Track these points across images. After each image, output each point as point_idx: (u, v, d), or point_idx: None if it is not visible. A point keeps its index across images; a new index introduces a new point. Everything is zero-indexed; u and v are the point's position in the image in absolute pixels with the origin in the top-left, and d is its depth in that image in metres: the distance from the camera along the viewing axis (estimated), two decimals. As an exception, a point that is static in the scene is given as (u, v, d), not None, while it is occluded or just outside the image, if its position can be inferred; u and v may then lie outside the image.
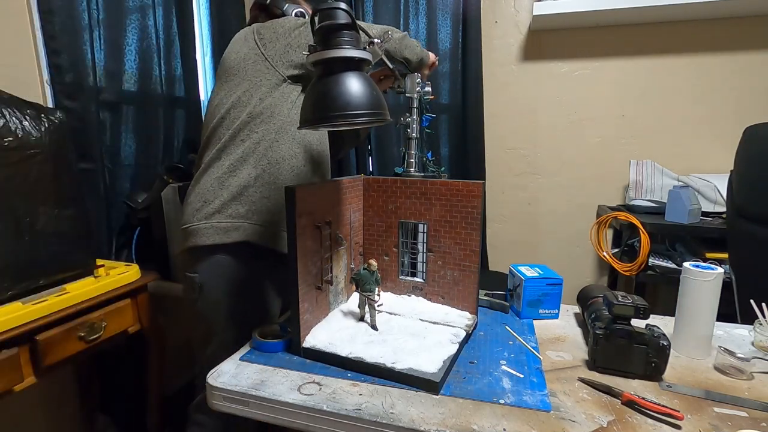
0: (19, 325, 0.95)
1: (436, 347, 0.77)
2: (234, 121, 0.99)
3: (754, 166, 1.16)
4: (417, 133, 1.08)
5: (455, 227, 0.89)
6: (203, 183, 1.00)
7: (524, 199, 2.14)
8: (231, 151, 0.99)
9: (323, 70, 0.69)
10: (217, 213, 0.97)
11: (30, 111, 1.04)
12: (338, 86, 0.67)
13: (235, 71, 1.02)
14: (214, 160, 1.00)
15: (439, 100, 2.07)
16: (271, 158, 0.99)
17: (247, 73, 1.00)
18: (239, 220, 0.98)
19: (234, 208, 0.98)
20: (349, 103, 0.66)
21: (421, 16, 2.04)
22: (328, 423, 0.63)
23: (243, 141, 0.99)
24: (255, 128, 0.99)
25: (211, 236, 0.97)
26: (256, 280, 1.03)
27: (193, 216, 0.99)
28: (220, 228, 0.97)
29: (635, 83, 1.91)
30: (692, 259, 1.02)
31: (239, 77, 1.01)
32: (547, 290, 0.97)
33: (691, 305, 0.80)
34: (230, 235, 0.97)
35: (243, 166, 0.98)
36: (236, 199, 0.98)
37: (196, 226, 0.98)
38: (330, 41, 0.67)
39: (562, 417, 0.62)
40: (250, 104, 0.99)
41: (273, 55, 0.99)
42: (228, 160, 0.99)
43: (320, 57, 0.67)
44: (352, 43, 0.67)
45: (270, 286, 1.05)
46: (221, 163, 0.99)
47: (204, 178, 1.00)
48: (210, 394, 0.71)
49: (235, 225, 0.97)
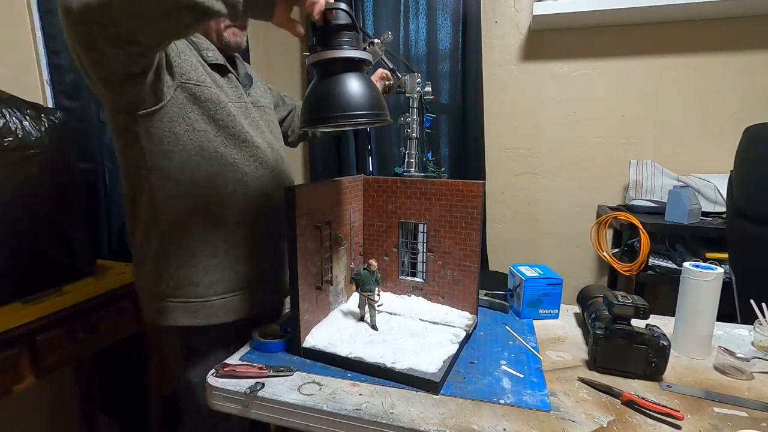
0: (19, 325, 0.95)
1: (436, 347, 0.77)
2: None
3: (754, 167, 1.16)
4: (417, 133, 1.08)
5: (455, 227, 0.89)
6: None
7: (524, 199, 2.14)
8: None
9: (323, 71, 0.68)
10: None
11: (30, 111, 1.04)
12: (338, 87, 0.67)
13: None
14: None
15: (439, 100, 2.07)
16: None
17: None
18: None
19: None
20: (350, 104, 0.66)
21: (421, 16, 2.04)
22: (328, 423, 0.63)
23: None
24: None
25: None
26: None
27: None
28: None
29: (635, 83, 1.91)
30: (692, 259, 1.02)
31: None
32: (547, 290, 0.97)
33: (691, 305, 0.80)
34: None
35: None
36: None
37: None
38: (330, 42, 0.66)
39: (562, 417, 0.62)
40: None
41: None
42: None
43: (320, 57, 0.67)
44: (352, 44, 0.67)
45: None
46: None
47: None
48: (210, 394, 0.71)
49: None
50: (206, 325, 0.87)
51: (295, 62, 2.32)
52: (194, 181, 0.82)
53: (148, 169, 0.81)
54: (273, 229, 0.93)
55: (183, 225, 0.84)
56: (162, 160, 0.80)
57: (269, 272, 0.95)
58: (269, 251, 0.94)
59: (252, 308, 0.92)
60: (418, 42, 2.07)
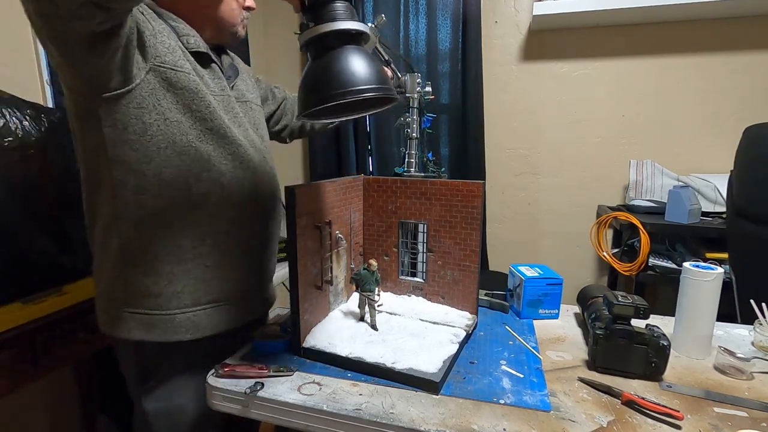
0: (18, 325, 0.95)
1: (436, 347, 0.77)
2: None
3: (754, 167, 1.16)
4: (417, 133, 1.08)
5: (455, 227, 0.89)
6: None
7: (524, 199, 2.14)
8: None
9: (318, 49, 0.62)
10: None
11: (30, 111, 1.04)
12: (338, 62, 0.60)
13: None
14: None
15: (439, 100, 2.07)
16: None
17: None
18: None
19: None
20: (353, 79, 0.59)
21: (421, 16, 2.04)
22: (328, 423, 0.63)
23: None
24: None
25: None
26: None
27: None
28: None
29: (635, 83, 1.91)
30: (692, 259, 1.02)
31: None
32: (547, 290, 0.97)
33: (691, 305, 0.80)
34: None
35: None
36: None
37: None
38: (322, 15, 0.60)
39: (562, 417, 0.62)
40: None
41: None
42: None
43: (313, 33, 0.60)
44: (348, 16, 0.60)
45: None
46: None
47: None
48: (210, 394, 0.71)
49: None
50: (163, 341, 0.77)
51: (295, 61, 2.32)
52: (161, 178, 0.73)
53: (109, 160, 0.71)
54: (252, 237, 0.86)
55: (146, 225, 0.74)
56: (126, 150, 0.71)
57: (246, 286, 0.87)
58: (247, 263, 0.86)
59: (223, 325, 0.82)
60: (418, 42, 2.07)
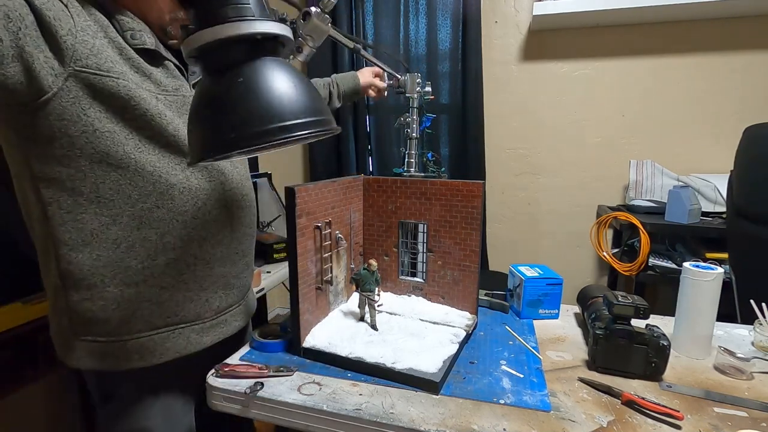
0: (19, 325, 0.95)
1: (436, 347, 0.77)
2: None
3: (754, 167, 1.16)
4: (417, 133, 1.08)
5: (455, 227, 0.89)
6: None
7: (524, 199, 2.14)
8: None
9: (214, 64, 0.44)
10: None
11: (30, 111, 1.04)
12: (251, 87, 0.42)
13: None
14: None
15: (439, 100, 2.07)
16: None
17: None
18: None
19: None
20: (274, 113, 0.42)
21: (421, 16, 2.04)
22: (328, 423, 0.63)
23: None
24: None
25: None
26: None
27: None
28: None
29: (635, 83, 1.91)
30: (692, 259, 1.02)
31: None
32: (547, 290, 0.97)
33: (691, 305, 0.80)
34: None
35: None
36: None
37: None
38: (217, 11, 0.41)
39: (562, 417, 0.62)
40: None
41: None
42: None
43: (206, 40, 0.41)
44: (257, 10, 0.42)
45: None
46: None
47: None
48: (210, 394, 0.71)
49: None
50: (116, 371, 0.72)
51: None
52: (99, 195, 0.65)
53: (36, 178, 0.64)
54: (215, 252, 0.77)
55: (87, 247, 0.67)
56: (54, 167, 0.63)
57: (214, 303, 0.79)
58: (211, 279, 0.77)
59: (184, 348, 0.76)
60: (418, 42, 2.07)
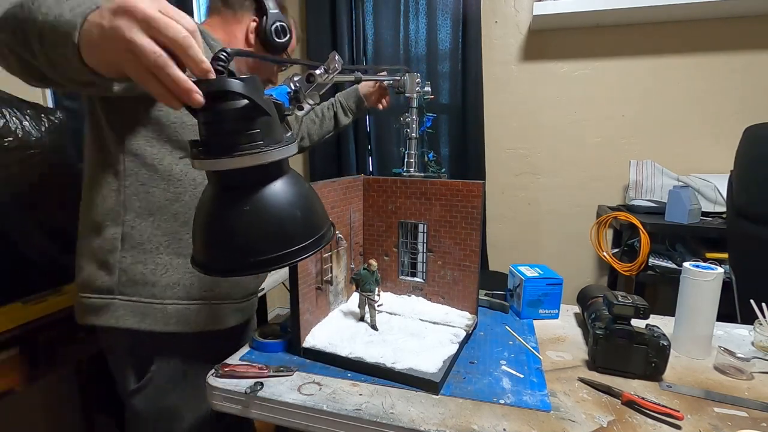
0: (19, 325, 0.95)
1: (436, 347, 0.77)
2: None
3: (754, 167, 1.16)
4: (417, 133, 1.08)
5: (455, 227, 0.89)
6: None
7: (524, 199, 2.14)
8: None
9: (226, 180, 0.45)
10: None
11: (30, 111, 1.04)
12: (256, 217, 0.45)
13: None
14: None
15: (439, 100, 2.07)
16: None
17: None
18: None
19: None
20: (277, 241, 0.45)
21: (421, 16, 2.04)
22: (328, 423, 0.63)
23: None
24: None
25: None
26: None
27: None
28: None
29: (635, 83, 1.91)
30: (692, 259, 1.02)
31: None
32: (547, 290, 0.96)
33: (691, 305, 0.80)
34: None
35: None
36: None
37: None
38: (226, 139, 0.42)
39: (562, 417, 0.62)
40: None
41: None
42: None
43: (218, 168, 0.43)
44: (260, 136, 0.43)
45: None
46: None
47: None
48: (210, 394, 0.71)
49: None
50: (154, 331, 0.77)
51: (295, 66, 2.32)
52: (171, 174, 0.76)
53: (126, 152, 0.74)
54: None
55: (152, 217, 0.77)
56: (143, 145, 0.74)
57: (240, 286, 0.88)
58: None
59: (213, 323, 0.83)
60: (418, 42, 2.07)
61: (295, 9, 2.30)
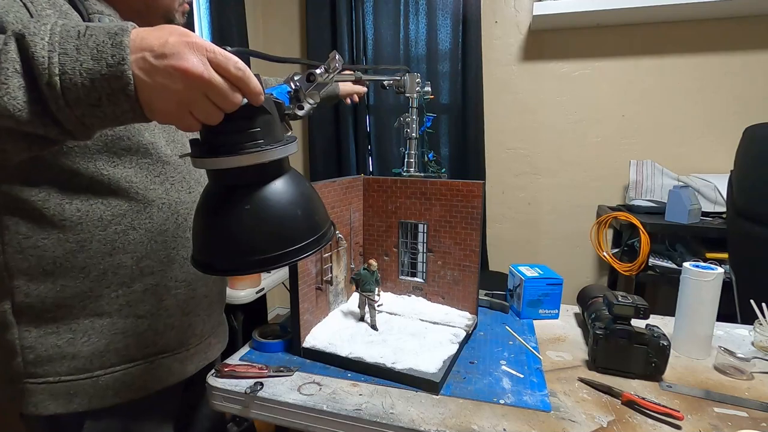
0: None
1: (436, 347, 0.77)
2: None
3: (754, 167, 1.16)
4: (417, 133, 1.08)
5: (455, 227, 0.89)
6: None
7: (524, 199, 2.14)
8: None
9: (225, 179, 0.45)
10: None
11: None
12: (257, 217, 0.44)
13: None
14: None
15: (439, 100, 2.07)
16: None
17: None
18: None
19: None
20: (277, 241, 0.45)
21: (421, 16, 2.04)
22: (328, 423, 0.63)
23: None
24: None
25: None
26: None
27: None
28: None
29: (635, 83, 1.91)
30: (692, 259, 1.02)
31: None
32: (547, 290, 0.97)
33: (691, 305, 0.80)
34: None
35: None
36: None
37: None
38: (229, 138, 0.43)
39: (562, 417, 0.62)
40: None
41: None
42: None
43: (218, 167, 0.44)
44: (261, 135, 0.43)
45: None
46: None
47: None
48: (210, 394, 0.71)
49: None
50: (88, 410, 0.63)
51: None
52: (64, 218, 0.58)
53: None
54: (197, 273, 0.70)
55: (48, 277, 0.59)
56: (12, 186, 0.56)
57: (193, 331, 0.73)
58: (194, 303, 0.72)
59: (163, 380, 0.69)
60: (418, 42, 2.08)
61: (295, 9, 2.30)
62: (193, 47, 0.38)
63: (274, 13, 2.33)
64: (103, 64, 0.38)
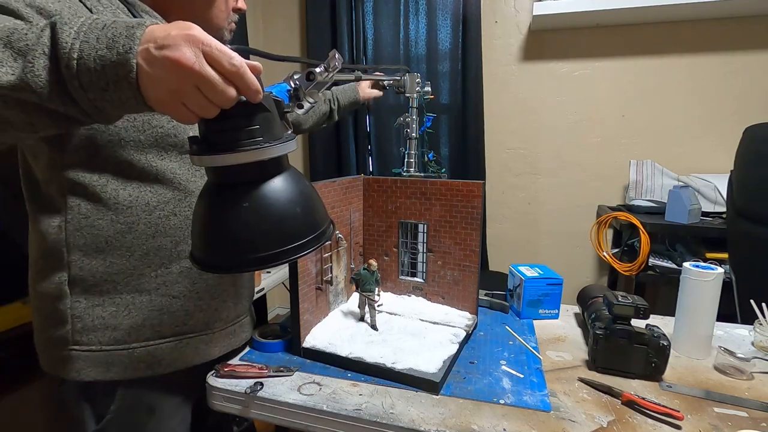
0: (19, 325, 0.95)
1: (436, 347, 0.77)
2: None
3: (754, 167, 1.16)
4: (417, 133, 1.08)
5: (455, 227, 0.89)
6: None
7: (524, 199, 2.14)
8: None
9: (224, 177, 0.46)
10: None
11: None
12: (255, 213, 0.44)
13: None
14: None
15: (439, 100, 2.07)
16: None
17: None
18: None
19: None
20: (279, 238, 0.45)
21: (421, 16, 2.04)
22: (328, 423, 0.63)
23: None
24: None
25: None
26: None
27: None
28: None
29: (635, 83, 1.91)
30: (692, 259, 1.02)
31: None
32: (547, 290, 0.97)
33: (691, 305, 0.80)
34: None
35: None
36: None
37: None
38: (227, 135, 0.43)
39: (562, 417, 0.62)
40: None
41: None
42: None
43: (217, 164, 0.44)
44: (259, 133, 0.43)
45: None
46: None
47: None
48: (210, 394, 0.71)
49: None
50: (121, 380, 0.69)
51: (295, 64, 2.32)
52: (117, 202, 0.65)
53: (61, 184, 0.64)
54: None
55: (100, 254, 0.66)
56: (78, 173, 0.63)
57: (219, 316, 0.76)
58: (222, 289, 0.76)
59: (190, 359, 0.73)
60: (418, 42, 2.08)
61: (296, 9, 2.30)
62: (189, 39, 0.40)
63: (274, 13, 2.33)
64: (114, 53, 0.41)
